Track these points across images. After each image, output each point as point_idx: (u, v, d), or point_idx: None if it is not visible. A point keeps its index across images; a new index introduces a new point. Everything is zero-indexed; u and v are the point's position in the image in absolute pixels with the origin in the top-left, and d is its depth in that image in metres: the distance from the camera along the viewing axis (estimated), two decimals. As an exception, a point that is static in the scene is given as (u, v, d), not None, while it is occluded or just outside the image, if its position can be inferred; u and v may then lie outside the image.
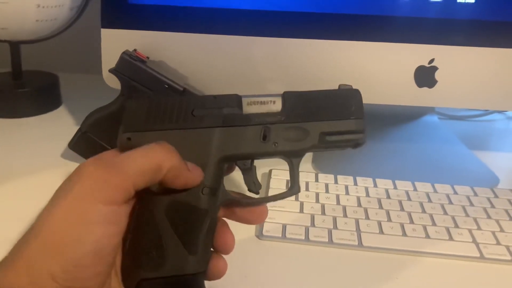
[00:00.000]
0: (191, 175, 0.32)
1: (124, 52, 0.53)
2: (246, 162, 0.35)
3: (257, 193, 0.36)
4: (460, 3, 0.54)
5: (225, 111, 0.34)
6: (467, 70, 0.56)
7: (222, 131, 0.34)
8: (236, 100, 0.35)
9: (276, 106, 0.35)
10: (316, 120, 0.35)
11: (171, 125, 0.34)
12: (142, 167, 0.29)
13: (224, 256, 0.35)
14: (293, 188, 0.36)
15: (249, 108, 0.35)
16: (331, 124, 0.35)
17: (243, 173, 0.36)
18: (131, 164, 0.29)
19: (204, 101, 0.34)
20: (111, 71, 0.53)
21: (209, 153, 0.34)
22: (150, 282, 0.31)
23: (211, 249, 0.34)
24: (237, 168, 0.36)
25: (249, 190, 0.36)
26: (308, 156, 0.63)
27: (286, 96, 0.35)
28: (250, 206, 0.36)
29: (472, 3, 0.54)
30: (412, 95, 0.57)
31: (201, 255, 0.32)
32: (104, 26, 0.57)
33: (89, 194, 0.28)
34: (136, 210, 0.31)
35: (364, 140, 0.36)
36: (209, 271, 0.34)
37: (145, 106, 0.34)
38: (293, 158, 0.36)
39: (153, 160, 0.30)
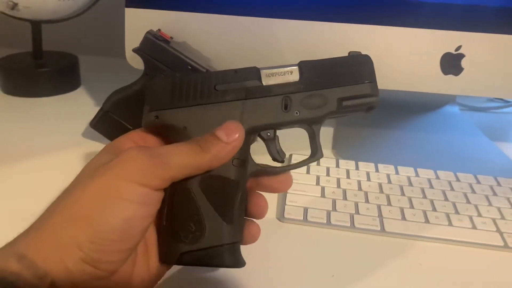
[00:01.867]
0: (230, 148, 0.32)
1: (148, 32, 0.52)
2: (269, 132, 0.36)
3: (282, 161, 0.37)
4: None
5: (246, 84, 0.35)
6: (494, 58, 0.55)
7: (245, 103, 0.35)
8: (255, 72, 0.36)
9: (294, 76, 0.36)
10: (333, 86, 0.36)
11: (196, 101, 0.35)
12: (184, 164, 0.31)
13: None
14: (316, 154, 0.37)
15: (268, 80, 0.36)
16: (348, 89, 0.37)
17: (266, 144, 0.37)
18: (174, 159, 0.31)
19: (225, 75, 0.35)
20: (135, 50, 0.53)
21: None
22: (191, 254, 0.32)
23: (244, 216, 0.35)
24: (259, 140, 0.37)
25: (274, 159, 0.37)
26: (328, 142, 0.62)
27: (303, 66, 0.36)
28: (276, 174, 0.37)
29: (502, -10, 0.53)
30: (438, 83, 0.57)
31: (236, 224, 0.33)
32: (128, 6, 0.57)
33: (128, 174, 0.29)
34: (170, 187, 0.32)
35: (378, 102, 0.38)
36: (244, 237, 0.35)
37: (169, 84, 0.35)
38: (314, 125, 0.37)
39: (194, 160, 0.31)
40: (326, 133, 0.64)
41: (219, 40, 0.57)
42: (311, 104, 0.36)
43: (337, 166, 0.55)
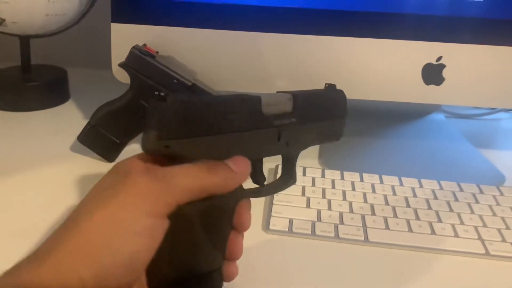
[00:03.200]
0: (238, 179, 0.32)
1: (134, 47, 0.53)
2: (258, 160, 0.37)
3: (263, 185, 0.38)
4: (468, 1, 0.55)
5: (251, 114, 0.34)
6: (475, 68, 0.57)
7: (249, 134, 0.34)
8: (258, 101, 0.35)
9: (288, 106, 0.37)
10: (320, 120, 0.39)
11: (206, 131, 0.32)
12: (189, 187, 0.30)
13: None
14: (292, 178, 0.39)
15: (267, 109, 0.35)
16: (330, 124, 0.40)
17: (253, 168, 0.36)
18: (180, 181, 0.29)
19: (233, 104, 0.34)
20: (121, 65, 0.53)
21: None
22: (182, 282, 0.31)
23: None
24: None
25: (255, 182, 0.38)
26: (315, 152, 0.63)
27: (296, 98, 0.37)
28: (256, 197, 0.37)
29: (481, 1, 0.54)
30: (420, 93, 0.58)
31: (224, 249, 0.34)
32: (114, 21, 0.58)
33: (134, 204, 0.28)
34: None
35: (342, 134, 0.41)
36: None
37: (182, 109, 0.31)
38: (294, 154, 0.39)
39: (201, 182, 0.30)
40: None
41: (204, 54, 0.58)
42: (300, 135, 0.37)
43: (323, 176, 0.55)
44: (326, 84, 0.41)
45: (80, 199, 0.50)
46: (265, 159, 0.38)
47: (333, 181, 0.54)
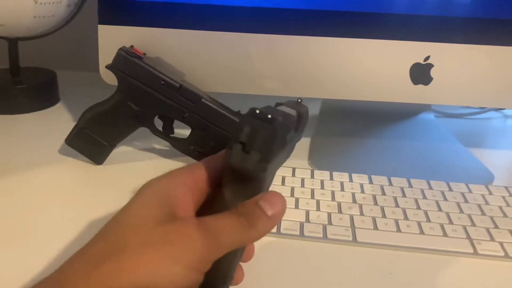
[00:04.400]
0: (273, 225, 0.31)
1: (121, 48, 0.53)
2: None
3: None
4: (456, 0, 0.55)
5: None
6: (463, 68, 0.57)
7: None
8: (294, 121, 0.35)
9: (293, 123, 0.36)
10: (301, 132, 0.38)
11: (283, 151, 0.32)
12: (233, 243, 0.29)
13: None
14: None
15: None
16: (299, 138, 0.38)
17: None
18: (226, 237, 0.28)
19: (291, 123, 0.34)
20: (108, 67, 0.53)
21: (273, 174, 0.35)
22: None
23: None
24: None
25: None
26: (304, 153, 0.63)
27: (300, 116, 0.36)
28: None
29: (468, 0, 0.55)
30: (408, 92, 0.58)
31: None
32: (101, 23, 0.57)
33: (184, 259, 0.27)
34: None
35: None
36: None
37: (281, 134, 0.31)
38: None
39: (243, 238, 0.29)
40: (303, 143, 0.65)
41: (192, 55, 0.58)
42: (291, 146, 0.36)
43: (312, 177, 0.55)
44: (298, 99, 0.39)
45: (69, 202, 0.50)
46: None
47: (322, 182, 0.54)
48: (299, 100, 0.38)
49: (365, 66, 0.57)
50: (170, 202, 0.29)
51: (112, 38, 0.57)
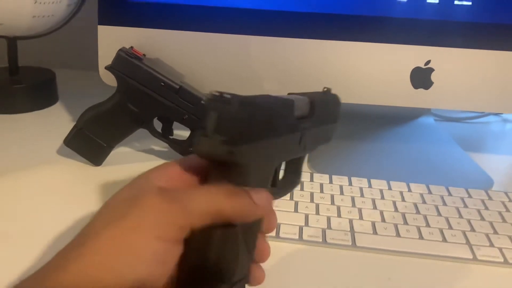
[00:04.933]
0: (258, 212, 0.30)
1: (120, 49, 0.53)
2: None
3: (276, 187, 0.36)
4: (457, 5, 0.55)
5: (288, 118, 0.33)
6: (463, 72, 0.57)
7: (285, 138, 0.33)
8: (292, 105, 0.34)
9: (305, 110, 0.36)
10: (329, 123, 0.39)
11: (267, 135, 0.31)
12: (205, 210, 0.28)
13: None
14: (298, 179, 0.39)
15: (296, 113, 0.34)
16: (333, 126, 0.40)
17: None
18: (196, 205, 0.28)
19: (286, 105, 0.33)
20: (107, 68, 0.53)
21: (273, 163, 0.33)
22: None
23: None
24: None
25: (272, 185, 0.35)
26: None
27: (313, 102, 0.36)
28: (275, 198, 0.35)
29: (469, 5, 0.54)
30: (408, 96, 0.57)
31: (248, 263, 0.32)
32: (101, 23, 0.57)
33: (145, 227, 0.26)
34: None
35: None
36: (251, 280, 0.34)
37: (246, 112, 0.29)
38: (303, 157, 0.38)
39: (218, 206, 0.28)
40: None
41: (192, 57, 0.58)
42: (314, 138, 0.37)
43: (311, 180, 0.55)
44: (324, 88, 0.40)
45: (66, 203, 0.50)
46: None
47: (321, 185, 0.54)
48: (325, 89, 0.39)
49: (366, 70, 0.57)
50: (144, 185, 0.29)
51: (112, 39, 0.57)
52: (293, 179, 0.39)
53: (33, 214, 0.48)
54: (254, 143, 0.29)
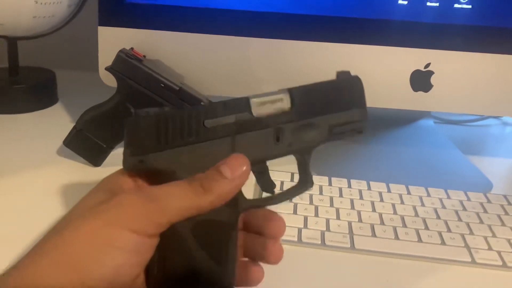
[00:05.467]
0: (234, 186, 0.31)
1: (120, 51, 0.53)
2: (260, 166, 0.35)
3: (273, 192, 0.35)
4: (457, 8, 0.55)
5: (236, 117, 0.33)
6: (463, 75, 0.57)
7: (236, 139, 0.33)
8: (245, 103, 0.33)
9: (285, 103, 0.34)
10: (325, 113, 0.35)
11: (184, 141, 0.32)
12: (183, 207, 0.29)
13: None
14: (307, 182, 0.35)
15: (259, 110, 0.34)
16: (338, 116, 0.35)
17: (256, 176, 0.35)
18: (173, 202, 0.29)
19: (214, 109, 0.33)
20: (107, 69, 0.53)
21: None
22: None
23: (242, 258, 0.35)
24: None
25: (264, 191, 0.35)
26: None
27: (294, 93, 0.34)
28: (269, 204, 0.35)
29: (469, 9, 0.55)
30: (408, 99, 0.58)
31: (230, 267, 0.32)
32: (101, 24, 0.57)
33: (120, 221, 0.28)
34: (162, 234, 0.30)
35: (367, 127, 0.36)
36: (248, 280, 0.35)
37: (153, 123, 0.32)
38: (305, 154, 0.35)
39: (195, 202, 0.29)
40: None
41: (192, 58, 0.58)
42: (303, 134, 0.34)
43: (311, 182, 0.55)
44: (337, 71, 0.36)
45: (66, 204, 0.50)
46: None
47: (321, 187, 0.54)
48: (338, 73, 0.36)
49: (366, 72, 0.56)
50: (113, 188, 0.31)
51: (112, 40, 0.57)
52: (300, 183, 0.36)
53: (32, 214, 0.48)
54: (167, 151, 0.31)
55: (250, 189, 0.36)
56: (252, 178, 0.34)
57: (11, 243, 0.43)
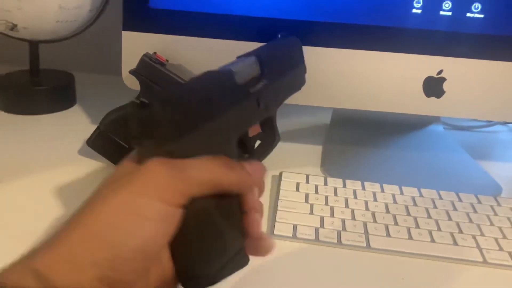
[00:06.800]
0: (252, 183, 0.32)
1: (144, 55, 0.55)
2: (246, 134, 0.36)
3: (252, 152, 0.37)
4: (469, 17, 0.56)
5: (227, 89, 0.33)
6: (474, 82, 0.58)
7: (235, 110, 0.33)
8: (231, 74, 0.34)
9: (255, 70, 0.36)
10: (287, 72, 0.38)
11: (202, 121, 0.31)
12: (204, 180, 0.30)
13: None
14: (277, 137, 0.39)
15: (240, 79, 0.34)
16: (294, 73, 0.39)
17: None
18: (196, 174, 0.30)
19: (211, 84, 0.33)
20: (131, 72, 0.55)
21: (230, 138, 0.33)
22: (212, 276, 0.31)
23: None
24: None
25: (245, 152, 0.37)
26: (317, 160, 0.65)
27: (260, 58, 0.36)
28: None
29: (481, 18, 0.56)
30: (420, 105, 0.59)
31: (241, 227, 0.33)
32: (125, 29, 0.59)
33: (148, 191, 0.28)
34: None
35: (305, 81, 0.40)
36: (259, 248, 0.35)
37: (168, 109, 0.30)
38: (273, 112, 0.38)
39: (217, 177, 0.30)
40: (315, 150, 0.67)
41: (213, 63, 0.59)
42: (275, 94, 0.37)
43: (325, 184, 0.57)
44: (279, 34, 0.40)
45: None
46: (269, 168, 0.38)
47: (335, 189, 0.56)
48: (280, 35, 0.39)
49: (381, 78, 0.59)
50: (137, 160, 0.31)
51: (136, 45, 0.59)
52: (270, 139, 0.39)
53: (54, 214, 0.49)
54: (191, 134, 0.30)
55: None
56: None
57: (34, 241, 0.44)
